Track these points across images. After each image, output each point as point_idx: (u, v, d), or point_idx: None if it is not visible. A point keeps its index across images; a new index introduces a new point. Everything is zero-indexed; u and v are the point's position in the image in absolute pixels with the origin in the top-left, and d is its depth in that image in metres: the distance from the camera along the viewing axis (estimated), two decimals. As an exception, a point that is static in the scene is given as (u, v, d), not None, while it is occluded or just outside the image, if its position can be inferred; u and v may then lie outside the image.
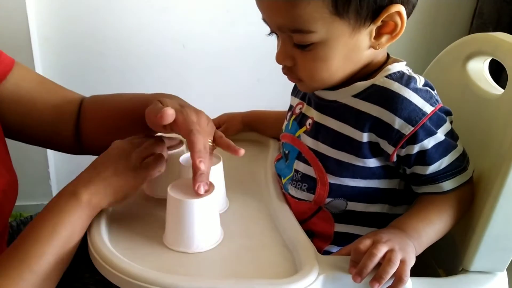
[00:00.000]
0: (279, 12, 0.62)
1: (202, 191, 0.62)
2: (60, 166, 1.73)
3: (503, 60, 0.69)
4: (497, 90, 0.73)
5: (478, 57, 0.76)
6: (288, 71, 0.68)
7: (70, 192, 0.64)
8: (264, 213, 0.74)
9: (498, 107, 0.70)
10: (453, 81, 0.79)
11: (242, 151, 0.67)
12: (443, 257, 0.74)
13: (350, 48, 0.64)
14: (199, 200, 0.62)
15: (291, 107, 0.80)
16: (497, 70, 0.79)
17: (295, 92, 0.80)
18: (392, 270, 0.57)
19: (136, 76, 1.65)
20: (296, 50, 0.64)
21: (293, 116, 0.76)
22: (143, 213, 0.73)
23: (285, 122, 0.79)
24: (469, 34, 0.85)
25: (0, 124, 0.78)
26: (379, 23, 0.62)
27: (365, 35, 0.63)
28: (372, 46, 0.65)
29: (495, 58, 0.72)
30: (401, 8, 0.61)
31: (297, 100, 0.77)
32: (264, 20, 0.66)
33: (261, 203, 0.76)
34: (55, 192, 1.73)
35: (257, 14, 0.65)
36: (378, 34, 0.64)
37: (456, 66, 0.79)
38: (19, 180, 0.79)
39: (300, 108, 0.75)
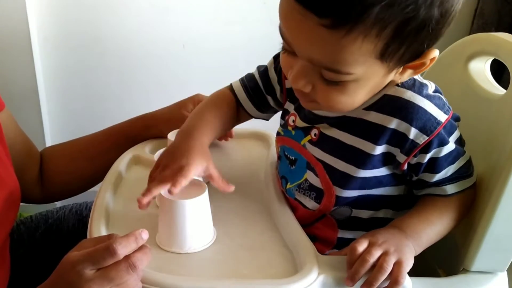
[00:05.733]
0: (320, 49, 0.54)
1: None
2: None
3: (506, 60, 0.69)
4: (499, 90, 0.73)
5: (480, 57, 0.76)
6: (304, 95, 0.62)
7: None
8: (264, 213, 0.73)
9: (500, 107, 0.69)
10: (454, 81, 0.79)
11: (231, 188, 0.69)
12: (444, 257, 0.74)
13: (377, 84, 0.61)
14: (191, 200, 0.62)
15: (286, 111, 0.75)
16: (498, 70, 0.79)
17: (291, 98, 0.74)
18: (383, 276, 0.57)
19: (136, 76, 1.65)
20: (322, 81, 0.58)
21: (289, 127, 0.73)
22: (143, 214, 0.73)
23: (280, 127, 0.75)
24: (469, 34, 0.84)
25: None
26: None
27: (394, 72, 0.60)
28: (394, 80, 0.62)
29: (497, 58, 0.72)
30: (437, 53, 0.58)
31: (292, 107, 0.73)
32: (282, 34, 0.58)
33: (261, 203, 0.76)
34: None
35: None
36: (403, 69, 0.60)
37: (457, 66, 0.78)
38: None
39: (293, 121, 0.72)
